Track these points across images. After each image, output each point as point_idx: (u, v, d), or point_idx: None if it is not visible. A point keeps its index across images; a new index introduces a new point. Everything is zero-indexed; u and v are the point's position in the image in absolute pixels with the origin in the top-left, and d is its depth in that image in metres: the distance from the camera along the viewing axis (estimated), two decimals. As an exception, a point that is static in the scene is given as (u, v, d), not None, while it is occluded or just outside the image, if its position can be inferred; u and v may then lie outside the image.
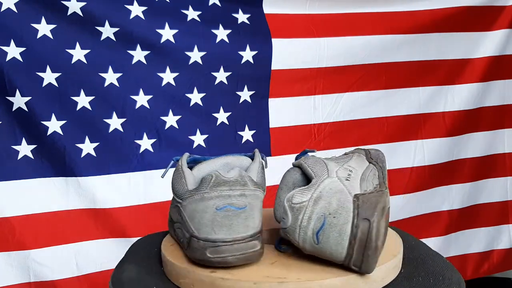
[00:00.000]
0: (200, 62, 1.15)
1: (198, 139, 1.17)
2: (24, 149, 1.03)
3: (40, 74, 1.02)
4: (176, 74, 1.14)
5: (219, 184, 0.50)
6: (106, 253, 1.09)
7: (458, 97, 1.39)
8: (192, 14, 1.15)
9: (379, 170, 0.57)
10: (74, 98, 1.05)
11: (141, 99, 1.11)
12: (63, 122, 1.05)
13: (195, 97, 1.17)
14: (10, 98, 1.00)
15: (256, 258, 0.53)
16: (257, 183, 0.53)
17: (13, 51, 0.99)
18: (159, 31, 1.11)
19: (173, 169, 0.57)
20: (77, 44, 1.05)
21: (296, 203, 0.50)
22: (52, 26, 1.02)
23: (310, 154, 0.61)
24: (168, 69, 1.13)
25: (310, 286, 0.49)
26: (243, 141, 1.22)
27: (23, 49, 1.00)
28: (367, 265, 0.49)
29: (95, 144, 1.08)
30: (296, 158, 0.61)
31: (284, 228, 0.52)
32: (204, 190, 0.51)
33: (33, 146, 1.04)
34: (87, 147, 1.07)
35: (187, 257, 0.55)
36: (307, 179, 0.55)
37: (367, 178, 0.54)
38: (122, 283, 0.56)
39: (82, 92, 1.06)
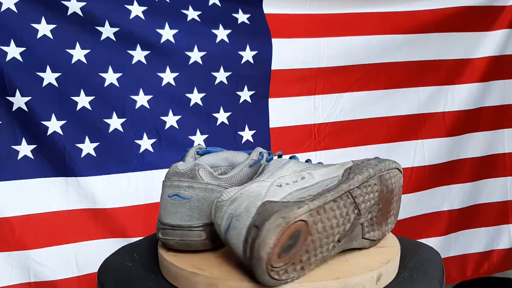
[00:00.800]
0: (200, 62, 1.15)
1: (198, 139, 1.17)
2: (24, 149, 1.03)
3: (40, 74, 1.02)
4: (176, 74, 1.14)
5: (172, 175, 0.56)
6: (106, 253, 1.08)
7: (458, 97, 1.40)
8: (192, 14, 1.15)
9: (338, 182, 0.53)
10: (74, 98, 1.05)
11: (141, 99, 1.11)
12: (63, 122, 1.05)
13: (195, 97, 1.17)
14: (10, 98, 1.00)
15: (198, 246, 0.56)
16: (220, 179, 0.56)
17: (13, 51, 0.99)
18: (159, 31, 1.11)
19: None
20: (77, 44, 1.04)
21: (219, 201, 0.51)
22: (52, 26, 1.02)
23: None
24: (168, 69, 1.13)
25: (221, 283, 0.50)
26: (243, 141, 1.22)
27: (23, 49, 1.00)
28: (256, 275, 0.47)
29: (95, 144, 1.08)
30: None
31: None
32: (165, 178, 0.58)
33: (33, 146, 1.04)
34: (87, 147, 1.07)
35: None
36: None
37: (310, 188, 0.52)
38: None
39: (82, 92, 1.06)
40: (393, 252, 0.58)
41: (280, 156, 0.62)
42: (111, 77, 1.08)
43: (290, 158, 0.62)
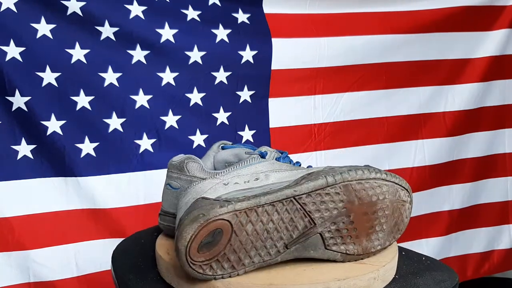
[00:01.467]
0: (200, 62, 1.15)
1: (198, 139, 1.17)
2: (24, 149, 1.03)
3: (40, 74, 1.02)
4: (176, 74, 1.14)
5: (169, 166, 0.61)
6: (106, 253, 1.08)
7: (458, 97, 1.39)
8: (192, 14, 1.15)
9: (286, 187, 0.52)
10: (74, 98, 1.05)
11: (141, 99, 1.11)
12: (63, 122, 1.05)
13: (195, 97, 1.16)
14: (10, 98, 1.00)
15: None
16: (206, 173, 0.58)
17: (13, 51, 0.99)
18: (159, 31, 1.11)
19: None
20: (77, 44, 1.04)
21: (181, 192, 0.56)
22: (52, 26, 1.02)
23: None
24: (168, 69, 1.13)
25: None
26: (243, 141, 1.21)
27: (22, 49, 1.00)
28: (180, 266, 0.50)
29: (95, 144, 1.08)
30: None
31: None
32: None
33: (32, 146, 1.04)
34: (87, 147, 1.07)
35: None
36: None
37: (256, 188, 0.53)
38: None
39: (81, 92, 1.06)
40: (362, 270, 0.53)
41: (263, 156, 0.60)
42: (110, 77, 1.08)
43: (283, 156, 0.61)
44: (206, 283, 0.51)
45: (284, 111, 1.25)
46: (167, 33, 1.11)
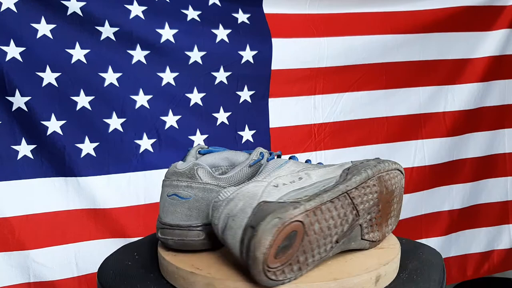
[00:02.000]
0: (200, 62, 1.15)
1: (198, 139, 1.17)
2: (24, 149, 1.03)
3: (40, 74, 1.02)
4: (176, 74, 1.14)
5: (171, 174, 0.56)
6: (106, 253, 1.08)
7: (458, 97, 1.39)
8: (192, 14, 1.15)
9: (336, 183, 0.54)
10: (74, 98, 1.05)
11: (141, 99, 1.11)
12: (63, 122, 1.05)
13: (195, 97, 1.16)
14: (10, 98, 1.00)
15: (197, 246, 0.56)
16: (219, 179, 0.56)
17: (13, 51, 0.99)
18: (159, 31, 1.11)
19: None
20: (77, 44, 1.04)
21: (216, 201, 0.51)
22: (52, 26, 1.02)
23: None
24: (168, 69, 1.13)
25: (218, 283, 0.50)
26: (243, 141, 1.21)
27: (22, 49, 1.00)
28: (253, 275, 0.47)
29: (95, 144, 1.08)
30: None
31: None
32: (165, 178, 0.57)
33: (33, 146, 1.04)
34: (87, 147, 1.07)
35: None
36: None
37: (308, 188, 0.52)
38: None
39: (82, 92, 1.06)
40: (393, 253, 0.57)
41: (279, 156, 0.62)
42: (111, 77, 1.08)
43: (290, 158, 0.62)
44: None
45: (284, 111, 1.25)
46: (167, 33, 1.11)
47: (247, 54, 1.19)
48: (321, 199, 0.50)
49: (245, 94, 1.21)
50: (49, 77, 1.02)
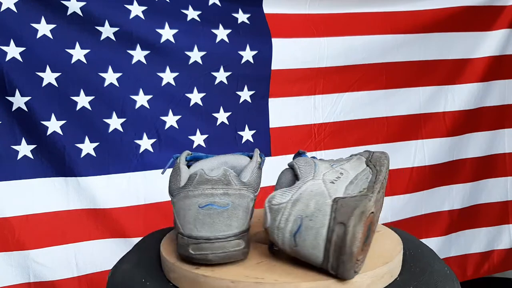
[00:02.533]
0: (200, 62, 1.15)
1: (198, 139, 1.17)
2: (24, 149, 1.03)
3: (40, 74, 1.02)
4: (176, 74, 1.14)
5: (202, 183, 0.51)
6: (106, 253, 1.09)
7: (458, 97, 1.39)
8: (192, 14, 1.15)
9: (374, 174, 0.56)
10: (74, 98, 1.05)
11: (141, 99, 1.11)
12: (63, 122, 1.05)
13: (195, 97, 1.16)
14: (10, 98, 1.00)
15: (239, 256, 0.53)
16: (245, 183, 0.53)
17: (13, 51, 0.99)
18: (159, 31, 1.11)
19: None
20: (77, 44, 1.04)
21: (275, 204, 0.50)
22: (52, 26, 1.02)
23: (309, 155, 0.62)
24: (168, 69, 1.13)
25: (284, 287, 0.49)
26: (243, 141, 1.21)
27: (22, 49, 1.00)
28: (343, 271, 0.48)
29: (95, 144, 1.08)
30: (293, 158, 0.61)
31: (265, 228, 0.52)
32: (188, 188, 0.52)
33: (33, 146, 1.04)
34: (87, 147, 1.07)
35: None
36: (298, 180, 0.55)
37: (357, 182, 0.54)
38: (116, 274, 0.59)
39: (82, 92, 1.06)
40: (394, 252, 0.57)
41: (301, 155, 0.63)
42: (111, 77, 1.08)
43: (300, 154, 0.62)
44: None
45: (284, 111, 1.25)
46: (167, 33, 1.11)
47: (247, 54, 1.19)
48: (376, 190, 0.53)
49: (245, 94, 1.21)
50: (49, 77, 1.02)
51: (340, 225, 0.47)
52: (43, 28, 1.01)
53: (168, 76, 1.13)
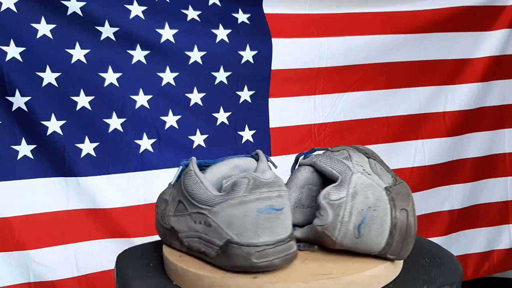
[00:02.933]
0: (200, 62, 1.15)
1: (198, 139, 1.17)
2: (24, 149, 1.03)
3: (40, 74, 1.02)
4: (176, 74, 1.14)
5: (257, 187, 0.49)
6: (106, 253, 1.09)
7: (458, 97, 1.39)
8: (192, 14, 1.15)
9: (380, 163, 0.58)
10: (74, 98, 1.05)
11: (141, 99, 1.11)
12: (63, 122, 1.05)
13: (195, 97, 1.16)
14: (10, 98, 1.00)
15: (295, 257, 0.52)
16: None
17: (13, 51, 0.99)
18: (159, 31, 1.11)
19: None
20: (77, 44, 1.04)
21: (335, 200, 0.51)
22: (52, 26, 1.02)
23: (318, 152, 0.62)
24: (168, 69, 1.13)
25: (356, 278, 0.51)
26: (243, 141, 1.21)
27: (22, 49, 1.00)
28: (405, 252, 0.53)
29: (95, 144, 1.08)
30: (297, 158, 0.61)
31: (322, 225, 0.52)
32: (241, 193, 0.49)
33: (33, 146, 1.04)
34: (87, 147, 1.07)
35: (214, 266, 0.53)
36: (321, 178, 0.56)
37: (379, 172, 0.56)
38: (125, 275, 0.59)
39: (82, 92, 1.06)
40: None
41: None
42: (110, 77, 1.08)
43: (308, 152, 0.62)
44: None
45: (284, 111, 1.25)
46: (167, 33, 1.11)
47: (247, 54, 1.19)
48: (397, 177, 0.57)
49: (245, 94, 1.21)
50: (49, 77, 1.02)
51: (402, 211, 0.51)
52: (43, 28, 1.01)
53: (168, 76, 1.13)
